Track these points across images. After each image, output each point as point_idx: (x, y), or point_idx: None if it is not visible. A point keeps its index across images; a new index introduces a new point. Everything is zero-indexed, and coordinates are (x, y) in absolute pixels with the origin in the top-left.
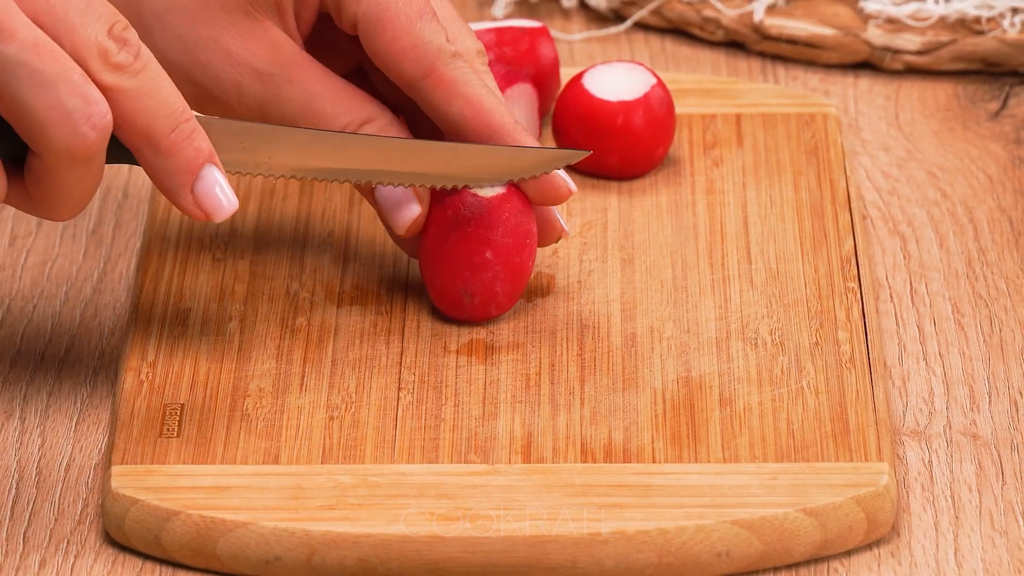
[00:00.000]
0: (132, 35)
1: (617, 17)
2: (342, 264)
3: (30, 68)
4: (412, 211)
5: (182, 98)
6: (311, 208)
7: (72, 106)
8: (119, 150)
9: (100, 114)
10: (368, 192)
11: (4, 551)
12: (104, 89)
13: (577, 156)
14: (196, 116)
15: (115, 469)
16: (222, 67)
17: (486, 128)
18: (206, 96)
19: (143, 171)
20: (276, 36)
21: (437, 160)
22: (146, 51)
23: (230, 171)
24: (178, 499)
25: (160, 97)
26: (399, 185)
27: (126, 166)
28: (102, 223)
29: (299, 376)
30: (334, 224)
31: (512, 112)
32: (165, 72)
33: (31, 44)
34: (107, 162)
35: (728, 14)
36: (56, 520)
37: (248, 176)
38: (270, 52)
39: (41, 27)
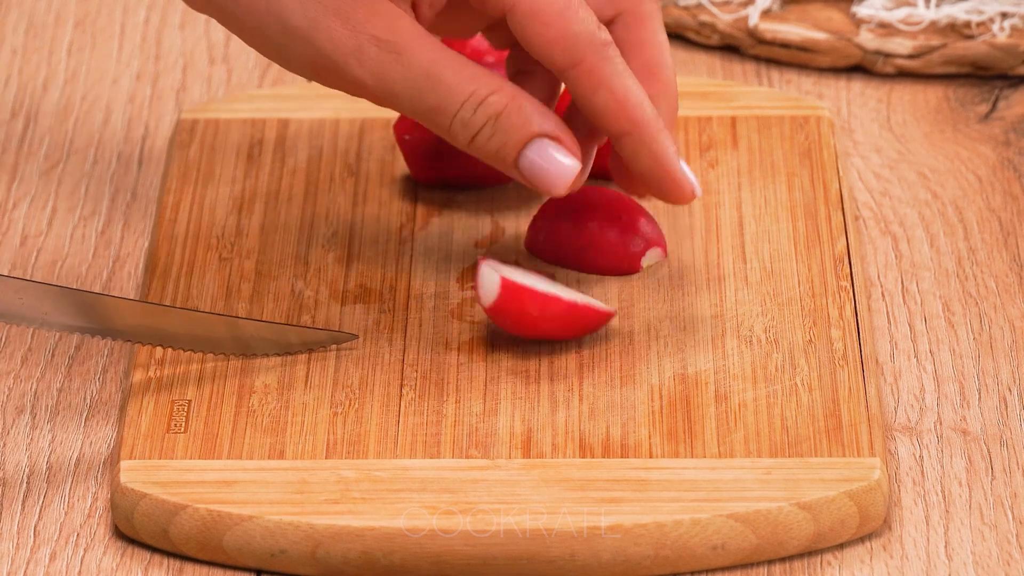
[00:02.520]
0: None
1: None
2: (346, 263)
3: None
4: (572, 167)
5: None
6: (315, 209)
7: None
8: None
9: None
10: (508, 167)
11: (15, 544)
12: None
13: None
14: None
15: (124, 464)
16: (343, 31)
17: (628, 122)
18: (324, 63)
19: (145, 173)
20: (400, 12)
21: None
22: None
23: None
24: (185, 493)
25: None
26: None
27: (136, 165)
28: (111, 223)
29: (303, 373)
30: (338, 224)
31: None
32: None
33: None
34: None
35: (723, 19)
36: (66, 514)
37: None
38: (392, 23)
39: None
